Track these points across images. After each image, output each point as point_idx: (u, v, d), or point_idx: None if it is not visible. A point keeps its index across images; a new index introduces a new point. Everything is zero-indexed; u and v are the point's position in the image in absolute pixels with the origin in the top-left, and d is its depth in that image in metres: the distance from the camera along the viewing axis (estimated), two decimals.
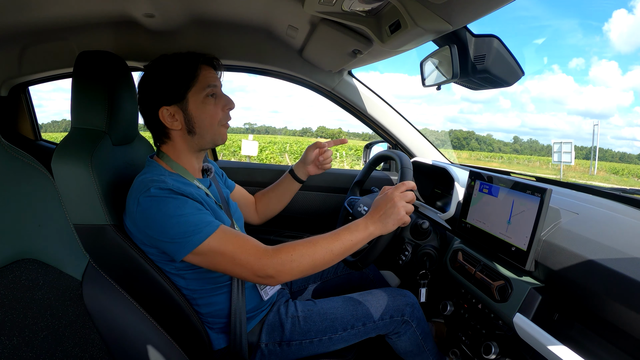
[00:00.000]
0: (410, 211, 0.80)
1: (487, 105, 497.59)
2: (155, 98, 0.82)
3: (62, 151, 0.80)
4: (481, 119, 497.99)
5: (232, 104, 0.88)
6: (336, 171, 1.63)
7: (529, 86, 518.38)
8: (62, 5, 1.05)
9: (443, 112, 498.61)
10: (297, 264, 0.73)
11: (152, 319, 0.69)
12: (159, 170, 0.82)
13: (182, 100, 0.82)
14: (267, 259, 0.73)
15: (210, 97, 0.84)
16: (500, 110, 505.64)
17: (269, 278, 0.73)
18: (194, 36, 1.29)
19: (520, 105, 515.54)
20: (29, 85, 1.62)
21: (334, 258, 0.76)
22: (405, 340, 1.00)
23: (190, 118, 0.83)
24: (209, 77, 0.84)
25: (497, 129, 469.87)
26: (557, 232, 0.75)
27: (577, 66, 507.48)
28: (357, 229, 0.78)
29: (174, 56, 0.84)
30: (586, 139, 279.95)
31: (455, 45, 0.88)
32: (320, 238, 0.77)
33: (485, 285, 0.83)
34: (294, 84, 1.53)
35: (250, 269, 0.73)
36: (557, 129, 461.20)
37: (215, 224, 0.75)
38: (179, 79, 0.81)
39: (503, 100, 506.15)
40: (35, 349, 0.54)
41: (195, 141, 0.86)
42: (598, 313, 0.62)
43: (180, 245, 0.72)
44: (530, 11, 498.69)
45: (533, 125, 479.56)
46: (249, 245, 0.75)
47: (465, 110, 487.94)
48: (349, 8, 0.81)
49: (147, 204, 0.73)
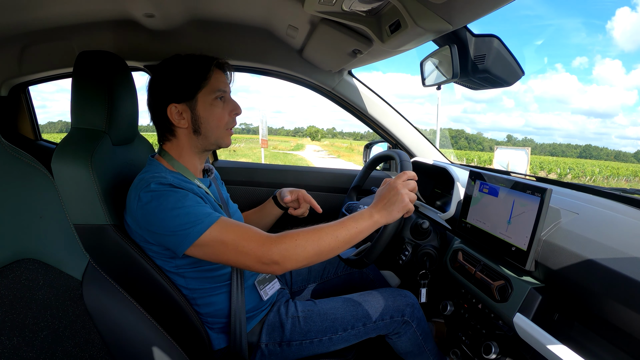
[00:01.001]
0: (414, 199, 0.80)
1: (490, 104, 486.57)
2: (166, 94, 0.83)
3: (62, 151, 0.80)
4: (485, 119, 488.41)
5: (239, 110, 0.89)
6: (336, 171, 1.63)
7: (532, 85, 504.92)
8: (62, 5, 1.05)
9: (446, 112, 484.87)
10: (302, 249, 0.72)
11: (152, 319, 0.69)
12: (159, 168, 0.83)
13: (192, 100, 0.83)
14: (271, 244, 0.72)
15: (219, 100, 0.85)
16: (504, 109, 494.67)
17: (274, 264, 0.72)
18: (194, 36, 1.29)
19: (523, 104, 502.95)
20: (29, 85, 1.62)
21: (339, 245, 0.75)
22: (405, 341, 1.00)
23: (198, 118, 0.84)
24: (220, 81, 0.86)
25: (500, 128, 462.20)
26: (557, 232, 0.75)
27: (580, 65, 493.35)
28: (362, 217, 0.78)
29: (188, 56, 0.85)
30: (590, 138, 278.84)
31: (455, 45, 0.88)
32: (325, 225, 0.76)
33: (486, 285, 0.83)
34: (296, 85, 1.53)
35: (254, 256, 0.72)
36: (561, 128, 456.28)
37: (216, 215, 0.75)
38: (191, 78, 0.83)
39: (506, 100, 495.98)
40: (35, 348, 0.53)
41: (200, 141, 0.86)
42: (598, 313, 0.62)
43: (182, 237, 0.72)
44: (535, 10, 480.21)
45: (536, 125, 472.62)
46: (251, 233, 0.74)
47: (469, 109, 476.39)
48: (349, 8, 0.81)
49: (147, 199, 0.74)
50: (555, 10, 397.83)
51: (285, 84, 5.40)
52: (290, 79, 1.50)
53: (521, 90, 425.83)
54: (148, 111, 0.89)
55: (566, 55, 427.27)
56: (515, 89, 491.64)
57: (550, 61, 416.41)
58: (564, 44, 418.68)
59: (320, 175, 1.61)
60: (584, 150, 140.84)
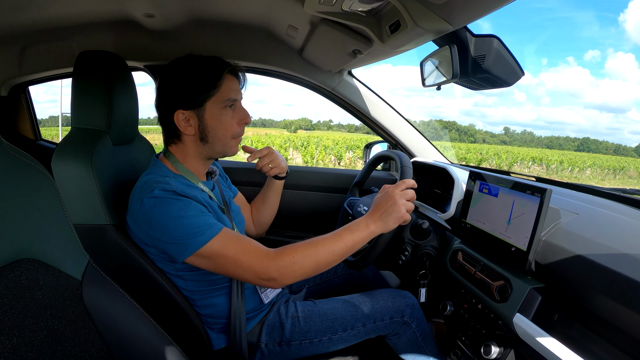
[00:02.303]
0: (411, 209, 0.80)
1: (501, 98, 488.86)
2: (173, 100, 0.81)
3: (62, 151, 0.80)
4: (496, 112, 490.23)
5: (248, 119, 0.86)
6: (336, 171, 1.63)
7: (544, 79, 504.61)
8: (62, 5, 1.05)
9: (457, 106, 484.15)
10: (300, 265, 0.73)
11: (152, 319, 0.69)
12: (163, 171, 0.82)
13: (200, 108, 0.81)
14: (269, 261, 0.73)
15: (229, 108, 0.83)
16: (515, 103, 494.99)
17: (272, 281, 0.73)
18: (194, 36, 1.29)
19: (535, 98, 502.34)
20: (29, 85, 1.62)
21: (336, 259, 0.76)
22: (405, 341, 1.00)
23: (205, 126, 0.82)
24: (232, 90, 0.82)
25: (512, 122, 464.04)
26: (557, 232, 0.75)
27: (592, 58, 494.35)
28: (358, 228, 0.78)
29: (200, 59, 0.82)
30: (603, 133, 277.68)
31: (455, 45, 0.88)
32: (322, 239, 0.77)
33: (485, 285, 0.83)
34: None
35: (253, 271, 0.73)
36: (573, 122, 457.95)
37: (218, 226, 0.75)
38: (201, 85, 0.80)
39: (518, 94, 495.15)
40: (35, 349, 0.53)
41: (206, 149, 0.85)
42: (598, 313, 0.62)
43: (183, 246, 0.72)
44: (546, 3, 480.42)
45: (549, 119, 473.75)
46: (251, 248, 0.74)
47: (480, 103, 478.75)
48: (349, 8, 0.81)
49: (150, 205, 0.73)
50: (567, 2, 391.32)
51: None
52: (290, 79, 1.50)
53: (533, 84, 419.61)
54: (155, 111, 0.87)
55: (578, 49, 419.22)
56: (527, 83, 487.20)
57: (562, 54, 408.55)
58: (576, 36, 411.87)
59: (320, 175, 1.61)
60: (582, 144, 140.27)
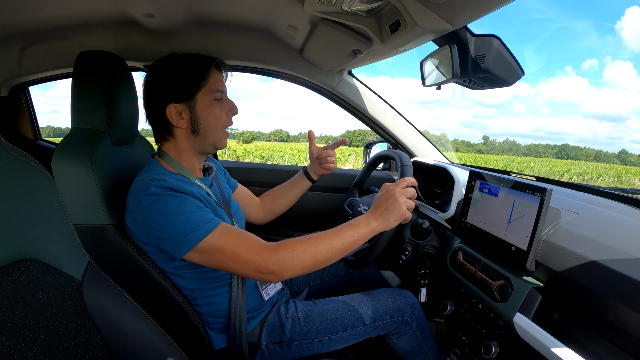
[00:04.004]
0: (412, 207, 0.80)
1: (501, 109, 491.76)
2: (164, 95, 0.83)
3: (62, 151, 0.80)
4: (496, 124, 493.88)
5: (236, 110, 0.90)
6: (336, 171, 1.63)
7: (542, 89, 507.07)
8: (62, 5, 1.05)
9: (457, 117, 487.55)
10: (299, 259, 0.73)
11: (152, 319, 0.69)
12: (159, 169, 0.82)
13: (191, 100, 0.83)
14: (268, 254, 0.73)
15: (217, 101, 0.86)
16: (515, 114, 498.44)
17: (271, 274, 0.73)
18: (194, 36, 1.29)
19: (535, 108, 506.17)
20: (29, 85, 1.62)
21: (335, 254, 0.76)
22: (405, 341, 1.00)
23: (197, 118, 0.84)
24: (219, 82, 0.87)
25: (512, 133, 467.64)
26: (557, 232, 0.75)
27: (590, 67, 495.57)
28: (359, 225, 0.78)
29: (186, 56, 0.85)
30: (603, 142, 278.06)
31: (455, 45, 0.88)
32: (322, 234, 0.77)
33: (486, 285, 0.83)
34: (305, 89, 1.54)
35: (252, 265, 0.73)
36: (573, 132, 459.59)
37: (216, 221, 0.75)
38: (190, 78, 0.83)
39: (517, 104, 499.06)
40: (35, 349, 0.53)
41: (198, 142, 0.87)
42: (598, 313, 0.62)
43: (181, 242, 0.72)
44: (545, 13, 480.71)
45: (548, 130, 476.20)
46: (250, 242, 0.74)
47: (480, 114, 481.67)
48: (349, 8, 0.81)
49: (147, 202, 0.73)
50: (565, 12, 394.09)
51: (295, 91, 5.13)
52: (290, 79, 1.50)
53: (532, 95, 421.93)
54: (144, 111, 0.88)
55: (576, 58, 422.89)
56: (525, 93, 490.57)
57: (560, 64, 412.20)
58: (573, 46, 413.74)
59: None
60: (560, 151, 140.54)
